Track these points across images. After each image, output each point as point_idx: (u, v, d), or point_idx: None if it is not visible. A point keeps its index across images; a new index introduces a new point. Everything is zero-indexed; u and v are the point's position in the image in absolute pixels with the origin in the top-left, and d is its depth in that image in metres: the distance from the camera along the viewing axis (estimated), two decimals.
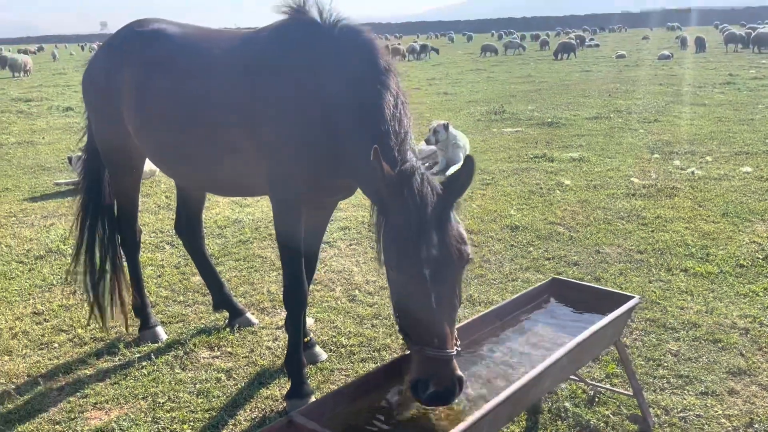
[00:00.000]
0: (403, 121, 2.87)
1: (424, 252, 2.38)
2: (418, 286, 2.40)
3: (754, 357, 3.92)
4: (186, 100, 3.49)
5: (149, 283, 5.30)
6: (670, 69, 26.59)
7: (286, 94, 3.15)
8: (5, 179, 9.57)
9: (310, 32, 3.16)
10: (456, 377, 2.40)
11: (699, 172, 8.46)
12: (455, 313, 2.52)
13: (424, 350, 2.40)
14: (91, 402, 3.65)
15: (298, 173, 3.19)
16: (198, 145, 3.51)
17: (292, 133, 3.13)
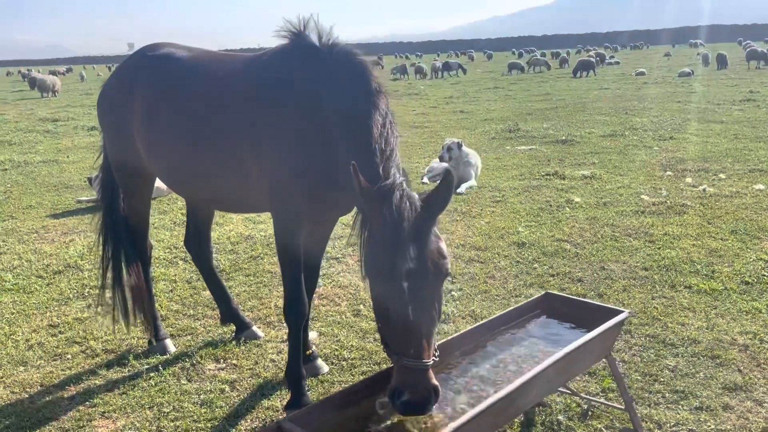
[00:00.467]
0: (389, 139, 2.99)
1: (401, 265, 2.47)
2: (395, 298, 2.49)
3: (752, 373, 3.93)
4: (192, 121, 3.65)
5: (161, 298, 5.46)
6: (690, 86, 26.47)
7: (286, 115, 3.29)
8: (29, 197, 9.87)
9: (308, 56, 3.31)
10: (431, 387, 2.47)
11: (711, 190, 8.45)
12: (434, 326, 2.59)
13: (401, 360, 2.49)
14: (100, 411, 3.79)
15: (298, 190, 3.32)
16: (204, 164, 3.66)
17: (291, 151, 3.27)
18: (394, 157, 2.96)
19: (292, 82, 3.33)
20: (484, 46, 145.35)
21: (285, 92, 3.34)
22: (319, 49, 3.29)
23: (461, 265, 6.04)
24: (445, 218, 7.66)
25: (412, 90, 31.36)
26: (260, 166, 3.40)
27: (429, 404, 2.46)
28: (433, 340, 2.57)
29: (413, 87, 33.84)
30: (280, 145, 3.30)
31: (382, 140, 2.96)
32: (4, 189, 10.50)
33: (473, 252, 6.40)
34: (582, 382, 3.90)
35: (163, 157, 3.86)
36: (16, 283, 5.93)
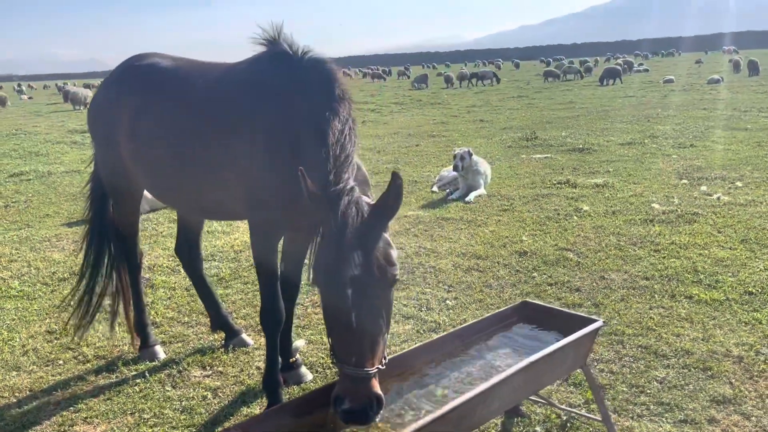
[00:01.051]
0: (345, 145, 2.98)
1: (344, 271, 2.44)
2: (338, 304, 2.46)
3: (743, 386, 3.81)
4: (172, 130, 3.70)
5: (158, 305, 5.53)
6: (718, 93, 25.98)
7: (258, 122, 3.32)
8: (48, 206, 10.10)
9: (281, 64, 3.33)
10: (372, 396, 2.43)
11: (725, 198, 8.25)
12: (380, 334, 2.53)
13: (343, 368, 2.47)
14: (82, 416, 3.83)
15: (272, 197, 3.33)
16: (183, 172, 3.70)
17: (264, 158, 3.29)
18: (349, 162, 2.93)
19: (266, 89, 3.35)
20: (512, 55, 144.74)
21: (258, 99, 3.36)
22: (292, 57, 3.31)
23: (459, 274, 5.98)
24: (449, 226, 7.63)
25: (435, 99, 31.38)
26: (236, 173, 3.42)
27: (369, 413, 2.41)
28: (378, 349, 2.52)
29: (437, 96, 33.86)
30: (253, 152, 3.32)
31: (338, 146, 2.95)
32: (25, 198, 10.75)
33: (473, 261, 6.34)
34: (565, 393, 3.82)
35: (146, 166, 3.91)
36: (22, 290, 6.06)
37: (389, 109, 26.61)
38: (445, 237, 7.23)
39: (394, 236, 7.28)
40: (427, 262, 6.36)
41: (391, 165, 12.37)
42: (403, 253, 6.69)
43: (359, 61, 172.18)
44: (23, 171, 13.50)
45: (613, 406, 3.66)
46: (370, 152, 14.31)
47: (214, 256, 6.87)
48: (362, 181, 3.03)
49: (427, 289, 5.65)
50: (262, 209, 3.39)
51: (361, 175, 3.09)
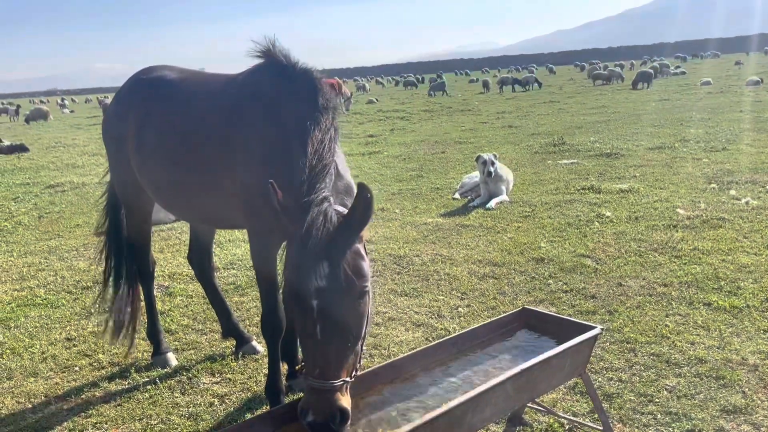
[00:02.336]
0: (324, 156, 2.98)
1: (308, 283, 2.42)
2: (303, 316, 2.45)
3: (756, 395, 3.69)
4: (174, 141, 3.78)
5: (175, 313, 5.62)
6: (757, 95, 25.30)
7: (254, 132, 3.37)
8: (79, 216, 10.37)
9: (274, 76, 3.38)
10: (336, 409, 2.40)
11: (754, 202, 8.02)
12: (347, 346, 2.50)
13: (307, 379, 2.47)
14: (92, 422, 3.92)
15: (267, 206, 3.35)
16: (186, 182, 3.78)
17: (259, 167, 3.33)
18: (326, 173, 2.92)
19: (261, 100, 3.40)
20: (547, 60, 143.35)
21: (254, 110, 3.41)
22: (285, 68, 3.36)
23: (474, 281, 5.94)
24: (467, 234, 7.58)
25: (466, 106, 31.26)
26: (233, 183, 3.47)
27: (332, 426, 2.39)
28: (345, 361, 2.49)
29: (467, 103, 33.74)
30: (249, 162, 3.37)
31: (315, 157, 2.95)
32: (59, 209, 11.07)
33: (489, 268, 6.29)
34: (570, 402, 3.76)
35: (151, 177, 4.00)
36: (46, 298, 6.23)
37: (418, 117, 26.63)
38: (462, 244, 7.19)
39: (413, 243, 7.28)
40: (443, 270, 6.33)
41: (415, 172, 12.38)
42: (419, 260, 6.68)
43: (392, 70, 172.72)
44: (59, 182, 13.91)
45: (619, 416, 3.59)
46: (395, 160, 14.34)
47: (233, 264, 6.97)
48: (342, 191, 3.03)
49: (440, 297, 5.63)
50: (258, 217, 3.43)
51: (343, 185, 3.09)
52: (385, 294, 5.78)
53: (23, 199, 12.20)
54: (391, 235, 7.78)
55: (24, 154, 20.84)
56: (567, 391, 3.89)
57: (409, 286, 5.94)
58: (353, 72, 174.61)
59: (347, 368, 2.50)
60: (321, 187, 2.82)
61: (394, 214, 8.94)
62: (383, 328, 5.02)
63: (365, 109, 33.12)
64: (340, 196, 2.95)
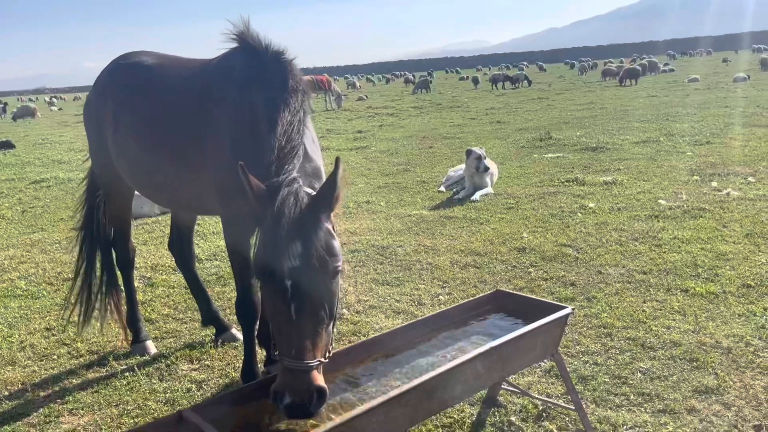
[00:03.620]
0: (292, 137, 2.97)
1: (283, 262, 2.41)
2: (277, 296, 2.43)
3: (728, 376, 3.73)
4: (151, 125, 3.78)
5: (156, 303, 5.61)
6: (743, 91, 25.47)
7: (225, 115, 3.36)
8: (63, 210, 10.32)
9: (246, 59, 3.38)
10: (313, 389, 2.38)
11: (735, 193, 8.09)
12: (322, 326, 2.49)
13: (282, 360, 2.43)
14: (68, 408, 3.91)
15: (238, 189, 3.35)
16: (160, 167, 3.77)
17: (228, 150, 3.33)
18: (294, 154, 2.92)
19: (232, 83, 3.40)
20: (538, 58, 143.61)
21: (225, 93, 3.41)
22: (257, 52, 3.35)
23: (455, 270, 5.97)
24: (451, 225, 7.61)
25: (455, 103, 31.30)
26: (206, 167, 3.47)
27: (310, 407, 2.37)
28: (320, 341, 2.47)
29: (457, 100, 33.78)
30: (219, 144, 3.37)
31: (284, 138, 2.95)
32: (43, 204, 11.01)
33: (471, 257, 6.31)
34: (545, 384, 3.79)
35: (127, 161, 3.99)
36: (27, 290, 6.20)
37: (407, 113, 26.64)
38: (446, 235, 7.22)
39: (396, 234, 7.30)
40: (425, 259, 6.35)
41: (402, 167, 12.39)
42: (402, 251, 6.69)
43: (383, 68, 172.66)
44: (44, 178, 13.84)
45: (593, 397, 3.62)
46: (383, 155, 14.35)
47: (216, 256, 6.96)
48: (311, 173, 3.02)
49: (422, 285, 5.65)
50: (230, 202, 3.43)
51: (312, 167, 3.08)
52: (366, 283, 5.79)
53: (7, 195, 12.13)
54: (375, 226, 7.79)
55: (10, 150, 20.71)
56: (542, 374, 3.92)
57: (391, 276, 5.95)
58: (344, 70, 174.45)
59: (321, 348, 2.47)
60: (289, 168, 2.81)
61: (379, 206, 8.95)
62: (363, 315, 5.04)
63: (355, 106, 33.10)
64: (309, 178, 2.94)
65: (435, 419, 3.45)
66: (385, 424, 2.47)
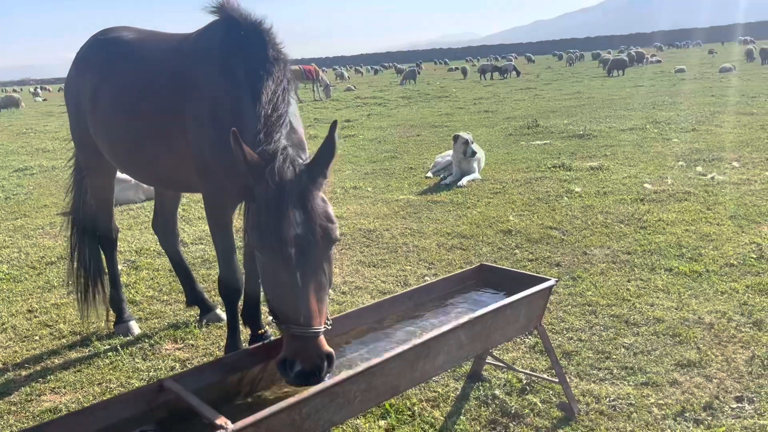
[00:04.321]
0: (278, 105, 2.94)
1: (287, 230, 2.38)
2: (282, 265, 2.40)
3: (710, 350, 3.76)
4: (130, 100, 3.72)
5: (140, 285, 5.57)
6: (729, 81, 25.61)
7: (205, 89, 3.32)
8: (47, 197, 10.21)
9: (225, 31, 3.33)
10: (323, 354, 2.38)
11: (720, 178, 8.14)
12: (324, 292, 2.50)
13: (290, 329, 2.40)
14: (50, 387, 3.87)
15: (218, 164, 3.32)
16: (139, 142, 3.72)
17: (208, 124, 3.29)
18: (282, 123, 2.89)
19: (211, 55, 3.36)
20: (526, 50, 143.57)
21: (204, 65, 3.37)
22: (237, 23, 3.30)
23: (442, 252, 5.97)
24: (438, 209, 7.60)
25: (444, 93, 31.24)
26: (186, 142, 3.43)
27: (322, 372, 2.36)
28: (324, 307, 2.48)
29: (445, 90, 33.72)
30: (199, 119, 3.33)
31: (270, 106, 2.91)
32: (26, 191, 10.89)
33: (457, 240, 6.31)
34: (530, 359, 3.80)
35: (106, 137, 3.94)
36: (9, 273, 6.13)
37: (396, 103, 26.54)
38: (432, 219, 7.21)
39: (383, 219, 7.29)
40: (411, 242, 6.34)
41: (389, 154, 12.36)
42: (389, 234, 6.68)
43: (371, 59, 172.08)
44: (28, 166, 13.70)
45: (577, 371, 3.64)
46: (371, 143, 14.30)
47: (201, 240, 6.91)
48: (297, 144, 2.99)
49: (408, 267, 5.64)
50: (211, 177, 3.39)
51: (297, 138, 3.05)
52: (353, 265, 5.78)
53: None
54: (362, 211, 7.77)
55: None
56: (527, 349, 3.93)
57: (377, 258, 5.94)
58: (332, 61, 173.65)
59: (324, 314, 2.47)
60: (278, 137, 2.78)
61: (366, 191, 8.93)
62: (349, 296, 5.03)
63: (343, 96, 32.95)
64: (296, 148, 2.90)
65: (419, 393, 3.46)
66: (366, 393, 2.46)
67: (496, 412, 3.27)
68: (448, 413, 3.29)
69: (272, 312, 2.54)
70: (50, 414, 3.55)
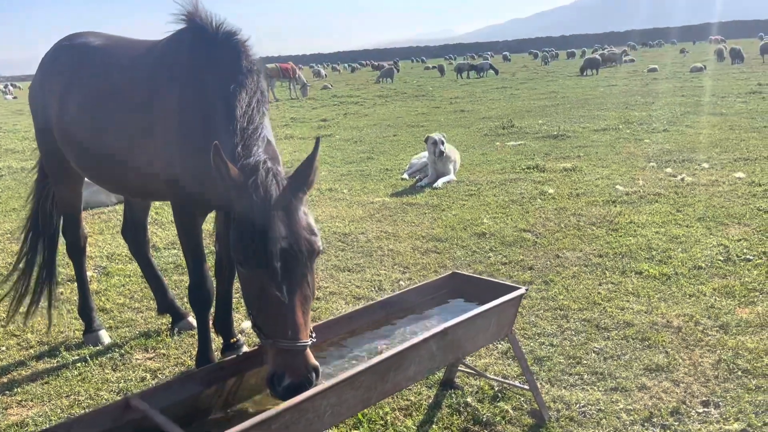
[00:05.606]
0: (254, 118, 2.92)
1: (272, 245, 2.36)
2: (268, 279, 2.39)
3: (678, 354, 3.82)
4: (95, 109, 3.67)
5: (111, 292, 5.49)
6: (699, 81, 26.07)
7: (174, 99, 3.28)
8: (15, 200, 9.99)
9: (195, 40, 3.29)
10: (311, 367, 2.39)
11: (689, 179, 8.28)
12: (309, 304, 2.50)
13: (277, 343, 2.39)
14: (17, 399, 3.80)
15: (187, 174, 3.29)
16: (106, 150, 3.67)
17: (177, 135, 3.26)
18: (259, 135, 2.87)
19: (179, 66, 3.32)
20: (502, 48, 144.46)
21: (172, 77, 3.33)
22: (207, 32, 3.27)
23: (416, 256, 5.98)
24: (413, 211, 7.62)
25: (420, 92, 31.31)
26: (154, 151, 3.39)
27: (311, 385, 2.36)
28: (309, 319, 2.48)
29: (422, 89, 33.80)
30: (167, 130, 3.29)
31: (245, 119, 2.89)
32: None
33: (432, 243, 6.33)
34: (502, 366, 3.82)
35: (73, 145, 3.87)
36: None
37: (372, 102, 26.54)
38: (408, 221, 7.22)
39: (358, 222, 7.28)
40: (386, 246, 6.34)
41: (365, 155, 12.35)
42: (364, 237, 6.68)
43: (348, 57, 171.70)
44: None
45: (548, 377, 3.67)
46: (347, 143, 14.28)
47: (173, 244, 6.83)
48: (272, 156, 2.97)
49: (383, 271, 5.64)
50: (180, 188, 3.36)
51: (272, 150, 3.03)
52: (327, 270, 5.76)
53: None
54: (338, 214, 7.75)
55: None
56: (499, 356, 3.96)
57: (352, 262, 5.93)
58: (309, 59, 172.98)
59: (309, 326, 2.47)
60: (257, 150, 2.76)
61: (341, 194, 8.91)
62: (323, 302, 5.01)
63: (320, 95, 32.86)
64: (273, 161, 2.88)
65: (392, 402, 3.46)
66: (337, 407, 2.46)
67: (468, 420, 3.28)
68: (420, 422, 3.30)
69: (256, 326, 2.52)
70: (17, 428, 3.49)
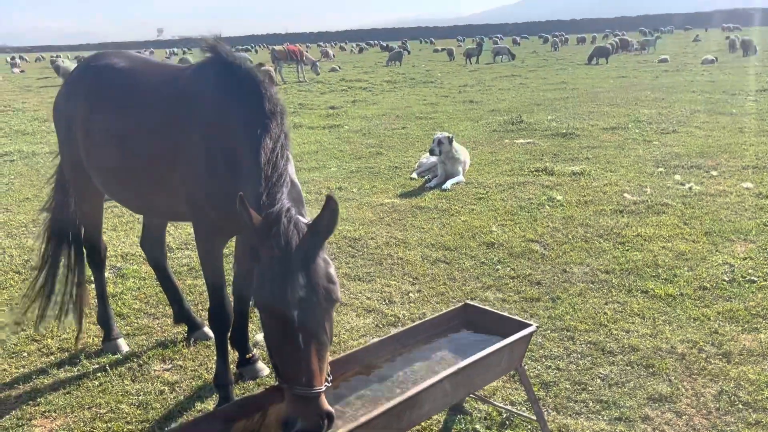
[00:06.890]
0: (278, 164, 3.00)
1: (290, 294, 2.45)
2: (285, 327, 2.48)
3: (681, 383, 3.93)
4: (121, 132, 3.76)
5: (127, 296, 5.62)
6: (711, 74, 25.90)
7: (199, 130, 3.37)
8: (29, 188, 10.14)
9: (219, 74, 3.37)
10: (323, 414, 2.48)
11: (697, 188, 8.34)
12: (325, 350, 2.58)
13: (292, 388, 2.49)
14: (41, 410, 3.94)
15: (209, 204, 3.39)
16: (133, 173, 3.77)
17: (201, 164, 3.35)
18: (282, 181, 2.95)
19: (207, 98, 3.40)
20: (511, 31, 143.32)
21: (200, 110, 3.41)
22: (231, 67, 3.34)
23: (426, 266, 6.09)
24: (422, 216, 7.71)
25: (429, 78, 31.21)
26: (178, 177, 3.48)
27: (323, 431, 2.46)
28: (324, 366, 2.57)
29: (430, 74, 33.66)
30: (192, 159, 3.38)
31: (269, 166, 2.97)
32: (7, 181, 10.78)
33: (441, 252, 6.43)
34: (509, 391, 3.94)
35: (98, 166, 3.97)
36: None
37: (381, 88, 26.49)
38: (417, 227, 7.32)
39: (368, 225, 7.38)
40: (396, 254, 6.45)
41: (374, 149, 12.40)
42: (374, 243, 6.78)
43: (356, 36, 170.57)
44: (7, 151, 13.49)
45: (555, 404, 3.79)
46: (356, 134, 14.33)
47: (187, 245, 6.95)
48: (296, 199, 3.06)
49: (393, 282, 5.76)
50: (203, 215, 3.47)
51: (296, 192, 3.11)
52: (339, 279, 5.85)
53: None
54: (348, 216, 7.85)
55: None
56: (507, 379, 4.07)
57: (362, 270, 6.05)
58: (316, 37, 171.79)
59: (325, 372, 2.57)
60: (281, 197, 2.84)
61: (351, 193, 9.00)
62: (335, 314, 5.12)
63: (328, 78, 32.74)
64: (296, 204, 2.97)
65: None
66: None
67: None
68: None
69: (276, 369, 2.63)
70: None
